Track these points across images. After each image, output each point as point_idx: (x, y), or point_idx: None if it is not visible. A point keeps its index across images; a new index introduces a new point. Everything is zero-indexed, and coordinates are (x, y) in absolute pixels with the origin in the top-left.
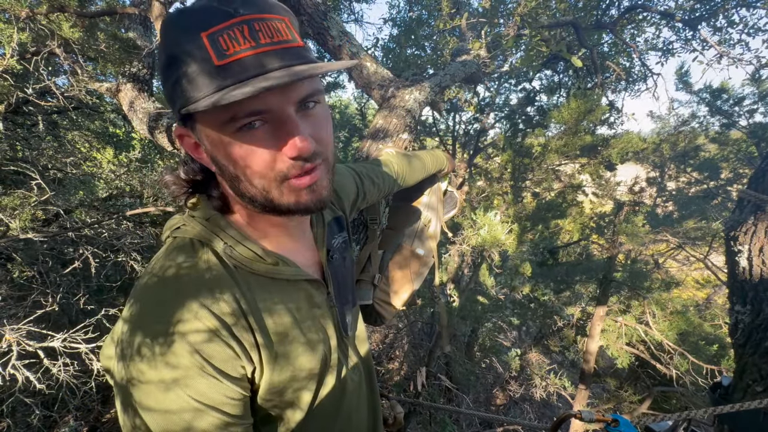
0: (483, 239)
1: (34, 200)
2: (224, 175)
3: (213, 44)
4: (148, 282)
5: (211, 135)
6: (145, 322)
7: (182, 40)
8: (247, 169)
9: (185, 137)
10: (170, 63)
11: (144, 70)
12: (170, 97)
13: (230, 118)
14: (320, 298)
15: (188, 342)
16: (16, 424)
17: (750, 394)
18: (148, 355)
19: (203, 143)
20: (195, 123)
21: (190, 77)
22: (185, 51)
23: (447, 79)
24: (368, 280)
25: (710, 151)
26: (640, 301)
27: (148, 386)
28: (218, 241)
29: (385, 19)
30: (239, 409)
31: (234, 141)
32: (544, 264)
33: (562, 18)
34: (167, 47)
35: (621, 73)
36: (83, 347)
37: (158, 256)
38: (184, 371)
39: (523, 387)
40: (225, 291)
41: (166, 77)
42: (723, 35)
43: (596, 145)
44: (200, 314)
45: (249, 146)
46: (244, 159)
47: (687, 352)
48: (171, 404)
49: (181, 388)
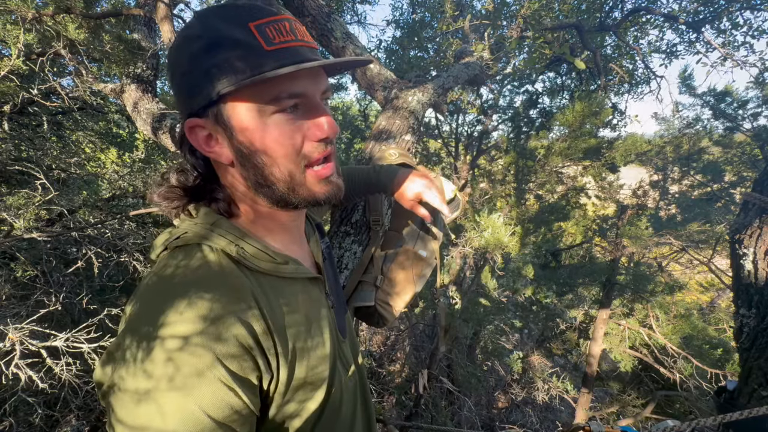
0: (486, 241)
1: (39, 200)
2: (247, 162)
3: (261, 33)
4: (157, 282)
5: (245, 118)
6: (162, 331)
7: (227, 28)
8: (277, 152)
9: (197, 129)
10: (209, 49)
11: (148, 71)
12: (197, 83)
13: (273, 98)
14: (322, 297)
15: (212, 351)
16: (18, 423)
17: (756, 398)
18: (157, 370)
19: (228, 130)
20: (222, 110)
21: (236, 61)
22: (231, 38)
23: (450, 81)
24: (370, 282)
25: (714, 153)
26: (643, 305)
27: (164, 393)
28: (228, 243)
29: (388, 21)
30: (248, 426)
31: (269, 123)
32: (546, 266)
33: (566, 20)
34: (208, 34)
35: (624, 76)
36: (86, 347)
37: (161, 263)
38: (207, 381)
39: (525, 390)
40: (245, 292)
41: (198, 63)
42: (727, 37)
43: (600, 148)
44: (227, 320)
45: (282, 128)
46: (276, 141)
47: (691, 355)
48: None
49: (193, 395)
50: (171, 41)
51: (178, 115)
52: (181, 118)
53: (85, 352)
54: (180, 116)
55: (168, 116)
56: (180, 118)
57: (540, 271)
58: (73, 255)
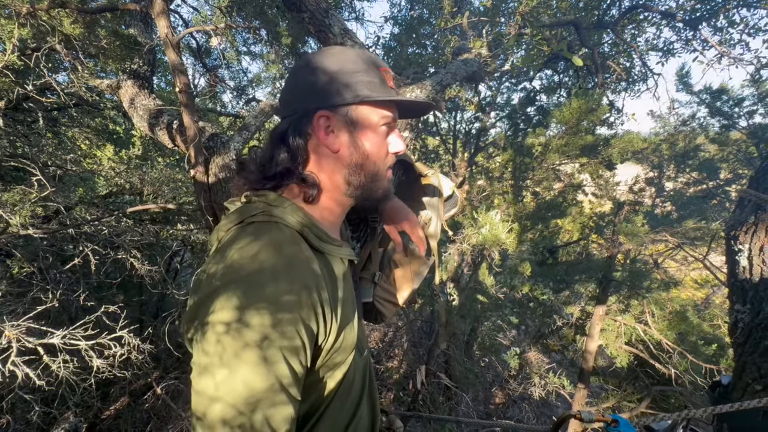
0: (484, 238)
1: (34, 196)
2: (353, 153)
3: (385, 75)
4: (247, 257)
5: (367, 121)
6: (257, 292)
7: (366, 65)
8: (375, 152)
9: (323, 120)
10: (359, 71)
11: (145, 67)
12: (339, 87)
13: (384, 116)
14: (351, 279)
15: (298, 323)
16: (15, 420)
17: (749, 392)
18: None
19: (351, 126)
20: (353, 110)
21: (375, 84)
22: (372, 72)
23: (448, 78)
24: (368, 278)
25: (710, 151)
26: (639, 301)
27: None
28: (297, 224)
29: (387, 17)
30: (299, 381)
31: (378, 131)
32: (543, 263)
33: (564, 17)
34: (359, 61)
35: (622, 73)
36: (83, 344)
37: (242, 238)
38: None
39: (522, 386)
40: (315, 269)
41: (345, 73)
42: (723, 35)
43: (596, 145)
44: (306, 293)
45: (385, 137)
46: (376, 144)
47: (686, 351)
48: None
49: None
50: (167, 36)
51: (174, 111)
52: (291, 112)
53: (83, 349)
54: (292, 109)
55: (165, 112)
56: (292, 112)
57: (537, 268)
58: (69, 252)
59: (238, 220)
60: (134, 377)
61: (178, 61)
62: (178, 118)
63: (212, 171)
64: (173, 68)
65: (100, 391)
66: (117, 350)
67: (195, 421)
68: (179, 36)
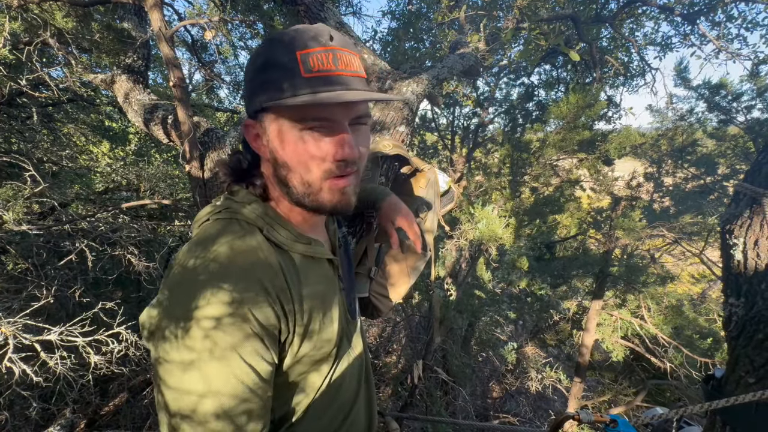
0: (481, 233)
1: (28, 192)
2: (276, 164)
3: (303, 61)
4: (202, 253)
5: (278, 129)
6: (204, 293)
7: (279, 53)
8: (299, 162)
9: (250, 127)
10: (265, 67)
11: (139, 61)
12: (252, 92)
13: (300, 118)
14: (335, 279)
15: (242, 330)
16: (14, 416)
17: (742, 385)
18: (204, 327)
19: (266, 135)
20: (265, 117)
21: (276, 82)
22: (279, 62)
23: (445, 72)
24: (365, 274)
25: (708, 146)
26: (636, 296)
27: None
28: (260, 221)
29: (384, 11)
30: (268, 381)
31: (296, 137)
32: (541, 258)
33: (562, 11)
34: (266, 55)
35: (620, 68)
36: (80, 340)
37: (203, 234)
38: (244, 341)
39: (519, 380)
40: (274, 265)
41: (255, 77)
42: (722, 30)
43: (594, 140)
44: (256, 280)
45: (307, 144)
46: (300, 153)
47: (681, 345)
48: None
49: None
50: (160, 29)
51: (169, 106)
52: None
53: (80, 346)
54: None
55: (160, 107)
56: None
57: (534, 263)
58: (66, 248)
59: (206, 218)
60: (132, 374)
61: (172, 54)
62: (173, 113)
63: (207, 166)
64: (167, 62)
65: (98, 387)
66: (115, 346)
67: (179, 420)
68: (173, 29)
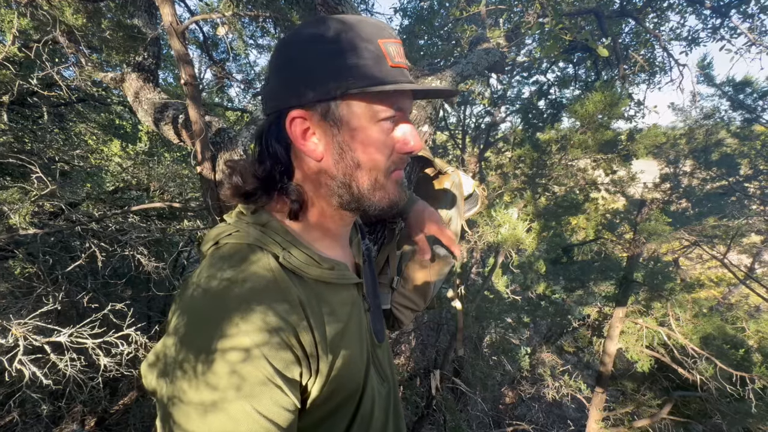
0: (503, 237)
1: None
2: (339, 161)
3: (387, 50)
4: (209, 287)
5: (357, 118)
6: (210, 332)
7: (361, 39)
8: (372, 157)
9: (298, 121)
10: (342, 52)
11: (150, 59)
12: (317, 81)
13: (385, 108)
14: (360, 300)
15: (270, 363)
16: (26, 414)
17: None
18: (207, 369)
19: (335, 126)
20: (336, 106)
21: (367, 68)
22: (365, 48)
23: (469, 68)
24: (386, 284)
25: (731, 146)
26: (662, 303)
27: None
28: (276, 246)
29: (396, 8)
30: (289, 423)
31: (375, 128)
32: (557, 262)
33: (584, 5)
34: (341, 39)
35: (644, 64)
36: (90, 342)
37: (210, 262)
38: (257, 384)
39: (534, 387)
40: (294, 302)
41: (325, 63)
42: (754, 22)
43: (617, 140)
44: (270, 320)
45: (383, 135)
46: (374, 147)
47: (712, 356)
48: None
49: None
50: (171, 24)
51: (180, 105)
52: (270, 110)
53: (90, 348)
54: (270, 107)
55: (170, 106)
56: (268, 109)
57: (551, 267)
58: (76, 249)
59: (214, 241)
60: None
61: (183, 51)
62: (183, 113)
63: (219, 168)
64: (178, 58)
65: (108, 387)
66: (124, 348)
67: None
68: (185, 24)
